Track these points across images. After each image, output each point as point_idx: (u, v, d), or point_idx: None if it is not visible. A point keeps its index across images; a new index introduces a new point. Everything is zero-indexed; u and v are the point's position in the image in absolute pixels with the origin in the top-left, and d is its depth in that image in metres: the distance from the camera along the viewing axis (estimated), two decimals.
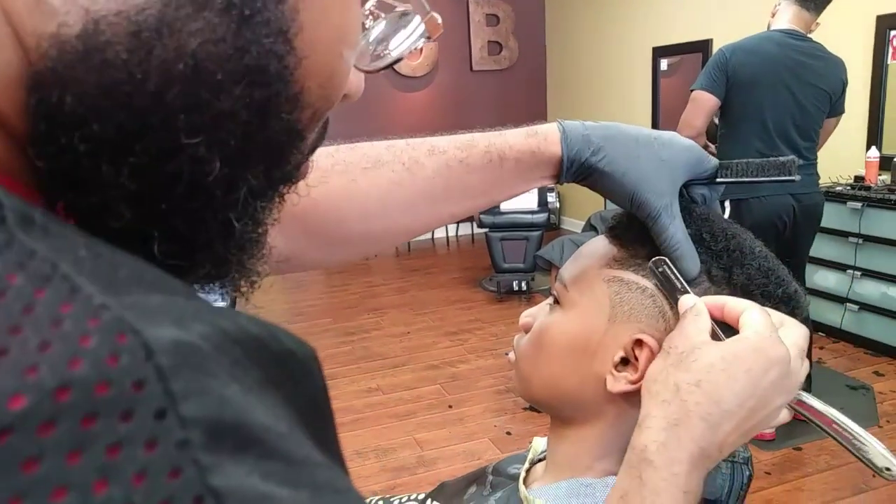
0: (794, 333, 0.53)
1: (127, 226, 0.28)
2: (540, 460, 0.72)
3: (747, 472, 0.57)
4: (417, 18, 0.39)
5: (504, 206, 5.11)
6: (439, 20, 0.40)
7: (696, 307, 0.54)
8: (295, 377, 0.26)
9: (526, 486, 0.67)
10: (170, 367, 0.20)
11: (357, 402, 3.39)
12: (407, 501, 0.88)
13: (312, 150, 0.37)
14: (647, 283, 0.60)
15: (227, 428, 0.20)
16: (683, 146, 0.61)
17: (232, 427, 0.20)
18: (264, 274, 0.36)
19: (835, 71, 2.69)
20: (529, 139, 0.61)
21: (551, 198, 5.23)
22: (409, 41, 0.39)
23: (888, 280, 3.43)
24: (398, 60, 0.39)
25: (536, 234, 4.89)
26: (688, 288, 0.55)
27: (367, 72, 0.38)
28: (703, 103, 2.61)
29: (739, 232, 0.61)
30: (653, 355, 0.57)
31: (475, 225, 5.34)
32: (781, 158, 0.61)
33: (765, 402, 0.50)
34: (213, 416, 0.20)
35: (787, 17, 2.67)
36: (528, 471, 0.71)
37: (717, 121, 2.85)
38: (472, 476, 0.78)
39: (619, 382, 0.58)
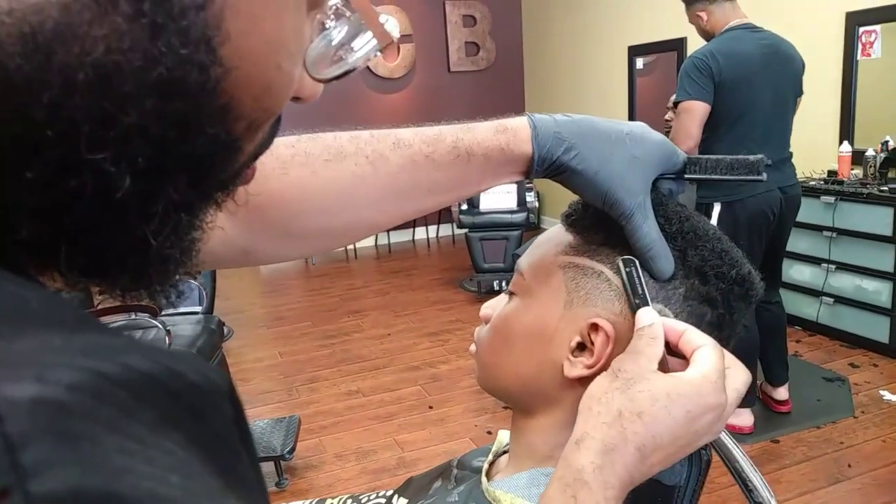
0: (736, 379, 0.54)
1: (31, 240, 0.26)
2: (504, 452, 0.72)
3: (706, 457, 0.57)
4: (369, 32, 0.36)
5: (483, 206, 5.11)
6: (395, 35, 0.36)
7: (653, 330, 0.53)
8: (197, 413, 0.24)
9: (489, 479, 0.67)
10: (21, 434, 0.17)
11: (338, 405, 3.37)
12: (375, 498, 0.87)
13: (256, 157, 0.35)
14: (603, 268, 0.59)
15: (91, 500, 0.18)
16: (655, 142, 0.60)
17: (98, 499, 0.18)
18: (195, 272, 0.34)
19: (795, 53, 2.73)
20: (499, 136, 0.59)
21: (530, 197, 5.24)
22: (363, 51, 0.36)
23: (862, 273, 3.48)
24: (350, 72, 0.36)
25: (516, 233, 4.90)
26: (648, 300, 0.55)
27: (319, 80, 0.35)
28: (697, 112, 2.57)
29: (693, 214, 0.61)
30: (608, 339, 0.56)
31: (455, 225, 5.34)
32: (751, 158, 0.61)
33: (693, 441, 0.52)
34: (71, 490, 0.17)
35: (730, 14, 2.69)
36: (491, 463, 0.71)
37: None
38: (438, 470, 0.78)
39: (576, 368, 0.58)
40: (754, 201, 2.65)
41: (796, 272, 3.78)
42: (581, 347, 0.59)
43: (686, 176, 0.61)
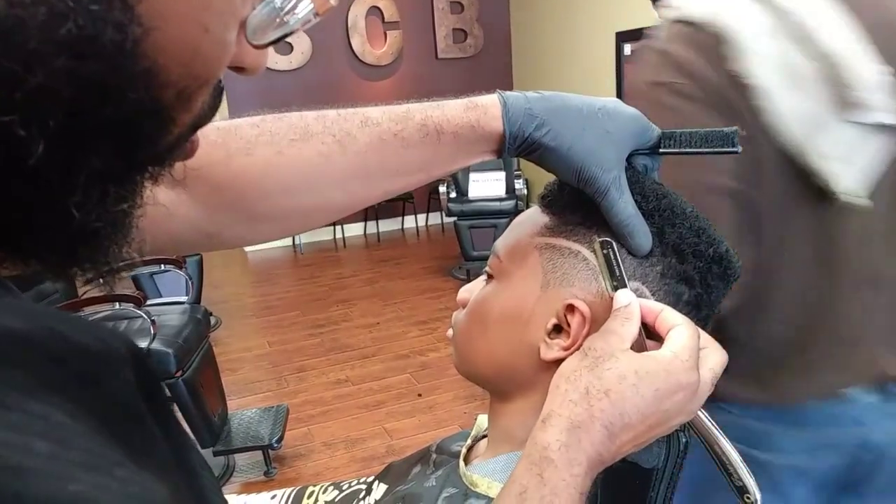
0: (712, 359, 0.53)
1: None
2: (483, 437, 0.71)
3: (684, 440, 0.56)
4: None
5: (472, 194, 5.10)
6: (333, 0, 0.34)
7: (628, 310, 0.52)
8: (87, 379, 0.22)
9: (468, 463, 0.66)
10: None
11: (326, 394, 3.37)
12: (356, 484, 0.87)
13: (196, 128, 0.33)
14: (580, 248, 0.58)
15: None
16: (628, 116, 0.59)
17: None
18: (131, 259, 0.32)
19: None
20: (469, 113, 0.58)
21: (518, 184, 5.24)
22: (300, 14, 0.33)
23: None
24: (287, 35, 0.34)
25: (505, 221, 4.89)
26: (626, 281, 0.54)
27: (255, 46, 0.33)
28: None
29: (670, 192, 0.60)
30: (584, 320, 0.55)
31: (444, 214, 5.33)
32: (725, 129, 0.59)
33: (664, 420, 0.50)
34: None
35: None
36: (470, 448, 0.70)
37: None
38: (418, 455, 0.77)
39: (552, 350, 0.57)
40: None
41: None
42: (558, 329, 0.58)
43: (661, 150, 0.60)
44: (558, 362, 0.55)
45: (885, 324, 0.90)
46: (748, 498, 0.53)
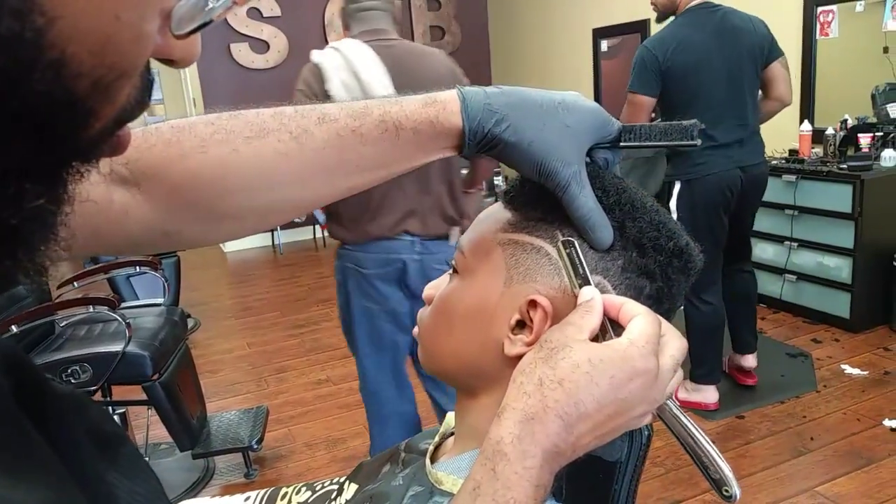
0: (672, 346, 0.53)
1: None
2: (452, 434, 0.71)
3: (646, 433, 0.56)
4: None
5: None
6: None
7: (590, 304, 0.52)
8: None
9: (434, 461, 0.66)
10: None
11: (307, 395, 3.35)
12: (329, 485, 0.86)
13: (122, 122, 0.32)
14: (542, 243, 0.58)
15: None
16: (588, 109, 0.59)
17: None
18: (57, 258, 0.31)
19: (750, 25, 2.73)
20: (427, 108, 0.57)
21: (498, 181, 5.24)
22: (220, 2, 0.31)
23: (823, 250, 3.54)
24: (207, 24, 0.32)
25: None
26: (589, 278, 0.54)
27: (176, 37, 0.32)
28: (640, 106, 2.69)
29: (630, 186, 0.60)
30: (546, 315, 0.55)
31: None
32: (685, 122, 0.60)
33: (623, 410, 0.50)
34: None
35: None
36: (438, 446, 0.70)
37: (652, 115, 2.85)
38: (388, 454, 0.77)
39: (515, 346, 0.57)
40: (712, 180, 2.68)
41: (760, 250, 3.83)
42: (521, 325, 0.58)
43: (621, 144, 0.60)
44: (522, 358, 0.55)
45: (409, 205, 2.00)
46: (726, 491, 0.52)
